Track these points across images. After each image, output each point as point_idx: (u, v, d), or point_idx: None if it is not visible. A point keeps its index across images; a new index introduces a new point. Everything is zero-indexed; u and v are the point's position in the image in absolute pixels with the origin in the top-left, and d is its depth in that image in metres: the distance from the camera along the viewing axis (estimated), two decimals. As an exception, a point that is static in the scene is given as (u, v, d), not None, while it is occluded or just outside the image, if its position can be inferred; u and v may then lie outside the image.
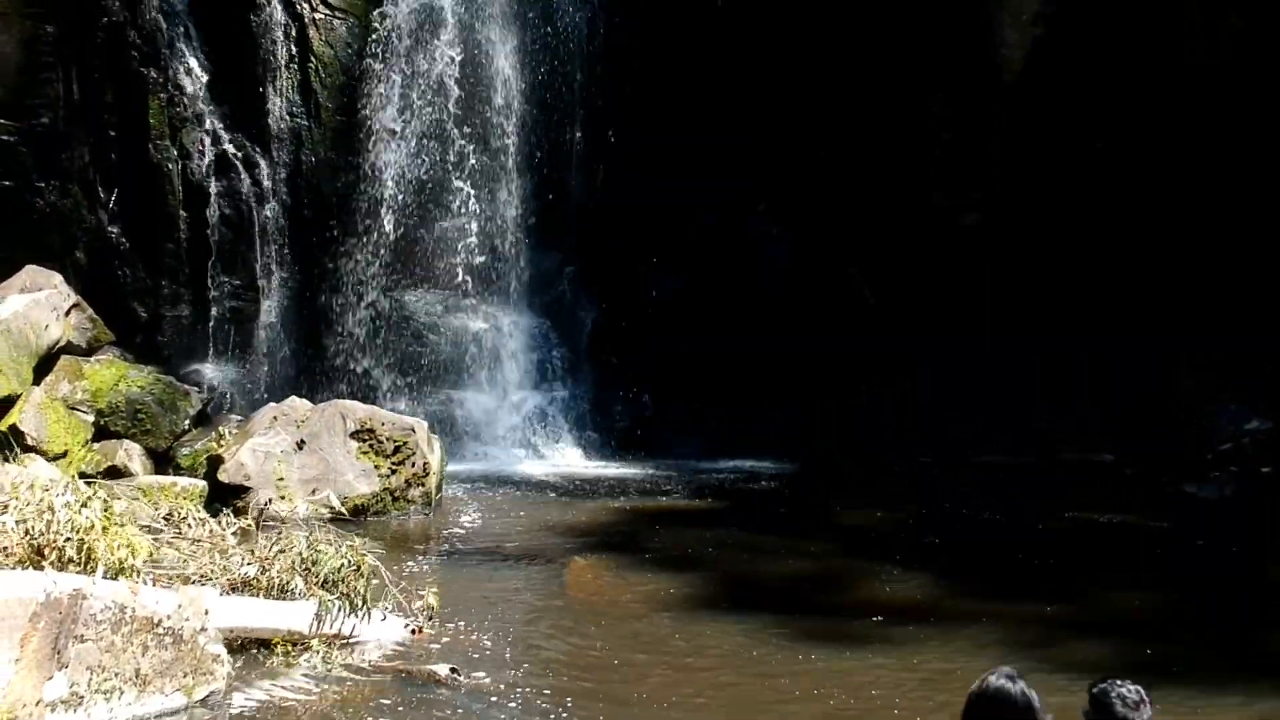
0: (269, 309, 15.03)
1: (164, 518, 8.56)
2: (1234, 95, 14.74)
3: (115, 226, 14.64)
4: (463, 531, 11.17)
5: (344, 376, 15.10)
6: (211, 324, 14.76)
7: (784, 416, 15.31)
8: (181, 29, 15.34)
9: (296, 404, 11.63)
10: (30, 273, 12.23)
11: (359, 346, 15.28)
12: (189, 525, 8.42)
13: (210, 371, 14.46)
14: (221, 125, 15.20)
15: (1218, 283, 14.57)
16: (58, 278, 12.33)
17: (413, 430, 11.60)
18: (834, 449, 14.93)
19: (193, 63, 15.26)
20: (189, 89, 15.08)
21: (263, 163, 15.10)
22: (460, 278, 15.73)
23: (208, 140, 14.93)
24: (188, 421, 12.08)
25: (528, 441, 15.45)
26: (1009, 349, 14.37)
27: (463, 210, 15.74)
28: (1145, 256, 14.90)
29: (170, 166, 14.68)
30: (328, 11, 15.40)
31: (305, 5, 15.35)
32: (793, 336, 15.17)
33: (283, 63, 15.31)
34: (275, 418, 11.37)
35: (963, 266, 15.30)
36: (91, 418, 11.44)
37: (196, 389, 12.69)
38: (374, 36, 15.41)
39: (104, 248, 14.60)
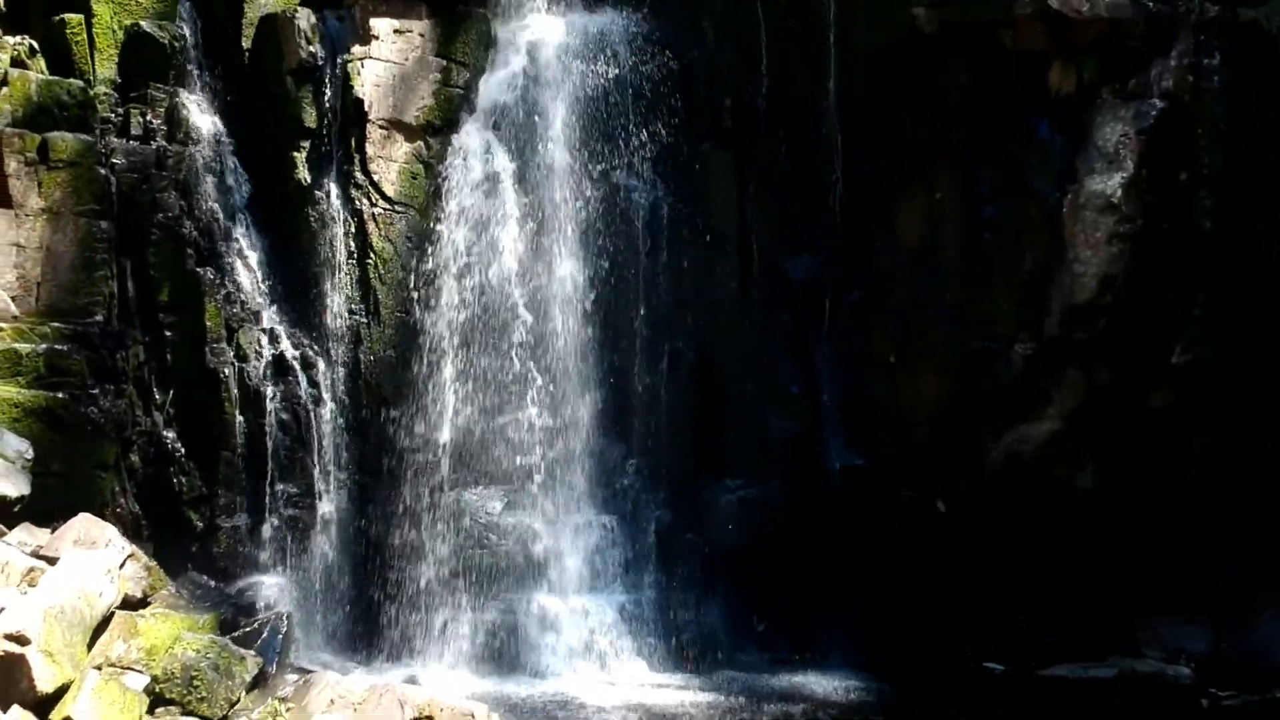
0: (327, 515, 14.92)
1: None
2: None
3: (170, 431, 14.64)
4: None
5: (403, 585, 14.93)
6: (268, 534, 14.65)
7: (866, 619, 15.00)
8: (241, 224, 15.28)
9: (354, 685, 11.53)
10: (84, 523, 12.20)
11: (418, 550, 15.13)
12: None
13: (268, 585, 14.37)
14: (279, 323, 15.11)
15: None
16: (111, 531, 12.30)
17: (472, 716, 11.44)
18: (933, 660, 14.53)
19: (251, 258, 15.32)
20: (246, 286, 15.12)
21: (320, 363, 15.09)
22: (522, 474, 15.52)
23: (265, 340, 14.92)
24: (243, 689, 11.97)
25: (589, 650, 15.23)
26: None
27: (526, 403, 15.54)
28: None
29: (227, 371, 14.67)
30: (387, 206, 15.38)
31: (364, 201, 15.31)
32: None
33: (341, 259, 15.19)
34: (332, 700, 11.27)
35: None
36: (146, 680, 11.34)
37: (253, 654, 12.56)
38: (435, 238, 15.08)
39: (160, 453, 14.59)
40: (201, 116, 15.99)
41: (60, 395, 14.34)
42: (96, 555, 11.73)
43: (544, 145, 16.28)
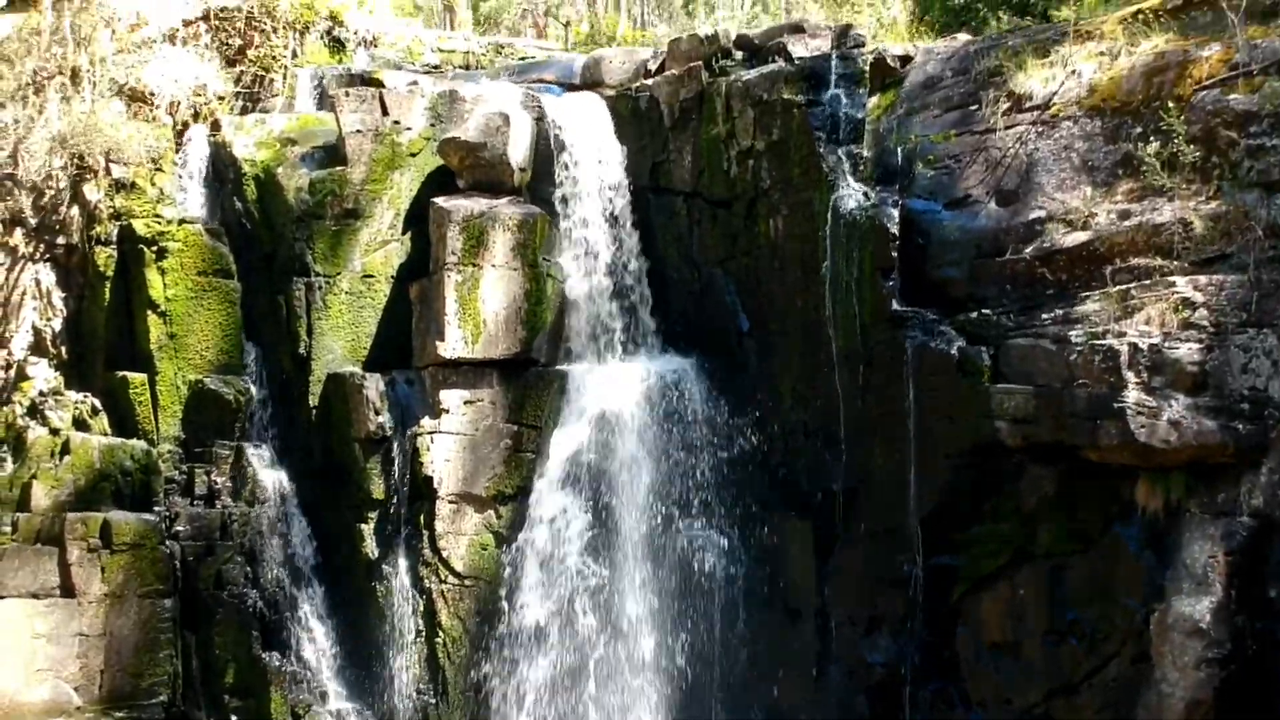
0: None
1: None
2: None
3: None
4: None
5: None
6: None
7: None
8: (307, 592, 15.75)
9: None
10: None
11: None
12: None
13: None
14: (346, 702, 15.53)
15: None
16: None
17: None
18: None
19: (318, 631, 15.86)
20: (313, 662, 15.62)
21: (392, 750, 15.40)
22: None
23: (331, 722, 15.26)
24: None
25: None
26: None
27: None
28: None
29: (296, 766, 14.98)
30: (456, 582, 15.84)
31: (434, 578, 15.83)
32: None
33: (409, 637, 15.65)
34: None
35: None
36: None
37: None
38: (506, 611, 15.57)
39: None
40: (267, 472, 16.53)
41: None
42: None
43: (618, 509, 16.65)
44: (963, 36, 17.98)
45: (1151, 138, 14.09)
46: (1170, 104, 14.03)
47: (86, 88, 16.52)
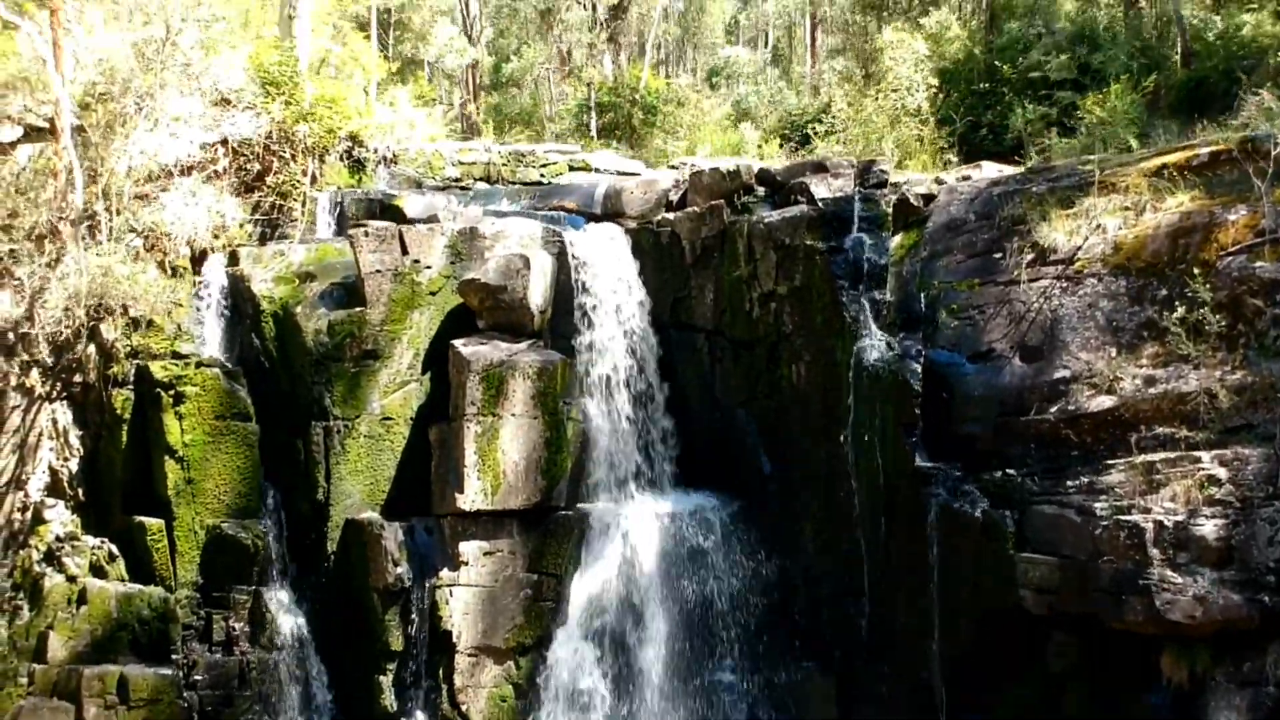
0: None
1: None
2: None
3: None
4: None
5: None
6: None
7: None
8: None
9: None
10: None
11: None
12: None
13: None
14: None
15: None
16: None
17: None
18: None
19: None
20: None
21: None
22: None
23: None
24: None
25: None
26: None
27: None
28: None
29: None
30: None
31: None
32: None
33: None
34: None
35: None
36: None
37: None
38: None
39: None
40: (285, 616, 16.68)
41: None
42: None
43: (639, 655, 16.75)
44: (986, 171, 18.14)
45: (1177, 303, 14.20)
46: (1196, 269, 14.14)
47: (104, 232, 16.71)
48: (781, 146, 28.86)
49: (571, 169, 23.84)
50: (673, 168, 25.85)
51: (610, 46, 44.38)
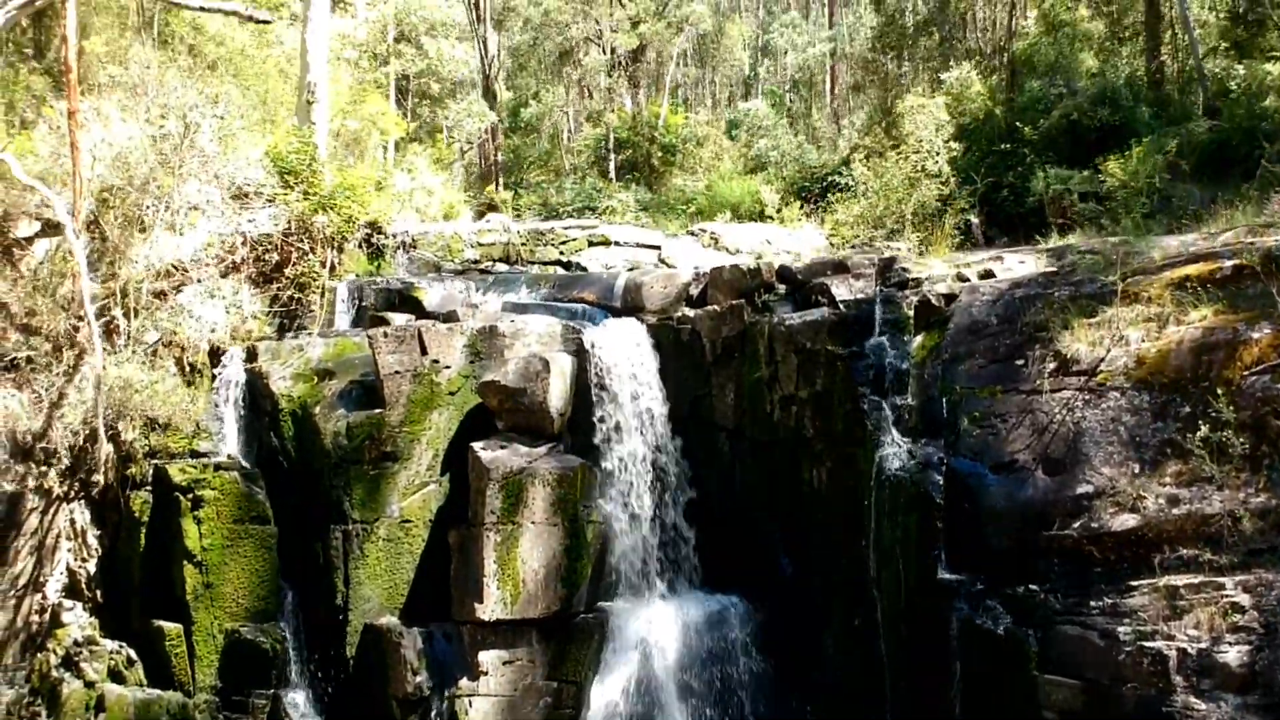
0: None
1: None
2: None
3: None
4: None
5: None
6: None
7: None
8: None
9: None
10: None
11: None
12: None
13: None
14: None
15: None
16: None
17: None
18: None
19: None
20: None
21: None
22: None
23: None
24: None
25: None
26: None
27: None
28: None
29: None
30: None
31: None
32: None
33: None
34: None
35: None
36: None
37: None
38: None
39: None
40: (304, 722, 16.77)
41: None
42: None
43: (659, 762, 16.85)
44: (1008, 263, 18.23)
45: (1200, 421, 14.26)
46: (1219, 388, 14.22)
47: (121, 337, 16.92)
48: (802, 206, 29.02)
49: (591, 244, 24.02)
50: (691, 234, 26.11)
51: (630, 89, 44.72)
